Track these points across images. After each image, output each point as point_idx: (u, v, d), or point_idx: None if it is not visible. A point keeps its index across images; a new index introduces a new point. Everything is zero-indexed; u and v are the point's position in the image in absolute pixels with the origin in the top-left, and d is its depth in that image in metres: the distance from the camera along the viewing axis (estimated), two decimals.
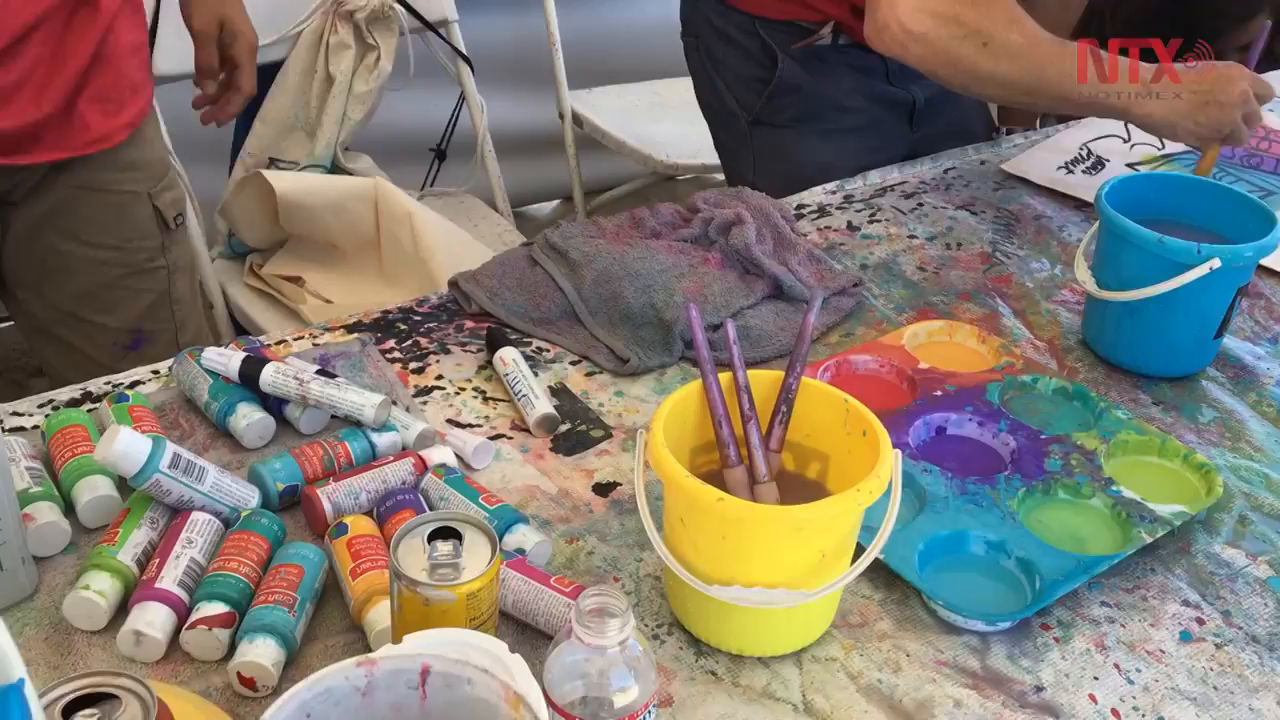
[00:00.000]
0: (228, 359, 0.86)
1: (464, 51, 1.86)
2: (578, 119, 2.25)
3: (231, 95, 1.33)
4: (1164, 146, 1.38)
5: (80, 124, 1.11)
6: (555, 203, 2.75)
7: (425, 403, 0.93)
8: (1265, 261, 1.11)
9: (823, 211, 1.25)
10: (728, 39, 1.44)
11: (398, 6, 1.71)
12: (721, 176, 1.74)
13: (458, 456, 0.84)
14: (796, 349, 0.75)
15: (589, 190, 2.40)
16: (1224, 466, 0.89)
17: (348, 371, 0.93)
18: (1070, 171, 1.32)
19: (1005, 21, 1.14)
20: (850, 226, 1.22)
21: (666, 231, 1.11)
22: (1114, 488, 0.84)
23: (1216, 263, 0.91)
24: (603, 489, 0.85)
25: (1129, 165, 1.34)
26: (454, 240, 1.66)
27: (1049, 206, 1.27)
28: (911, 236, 1.21)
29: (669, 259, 1.05)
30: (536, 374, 0.95)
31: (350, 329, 1.01)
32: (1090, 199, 1.05)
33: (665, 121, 2.23)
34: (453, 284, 1.06)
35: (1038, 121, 1.63)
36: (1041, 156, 1.35)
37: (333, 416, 0.86)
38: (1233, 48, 1.83)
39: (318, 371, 0.88)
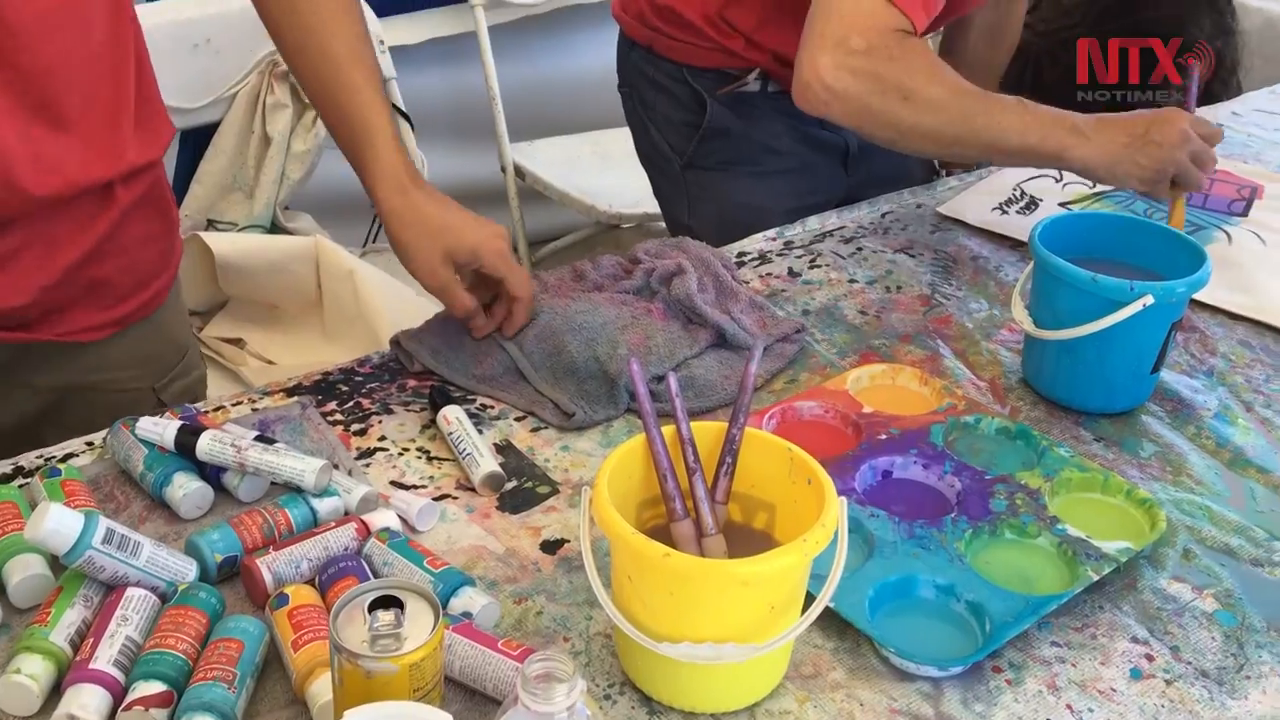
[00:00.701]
0: (163, 428, 0.85)
1: (403, 108, 1.86)
2: (520, 171, 2.25)
3: (514, 308, 1.04)
4: (1094, 185, 1.41)
5: (64, 317, 0.97)
6: None
7: (368, 465, 0.91)
8: (1198, 295, 1.13)
9: (764, 258, 1.26)
10: (659, 87, 1.46)
11: None
12: (664, 225, 1.75)
13: (402, 519, 0.83)
14: (739, 400, 0.75)
15: (533, 241, 2.40)
16: (1166, 501, 0.90)
17: (288, 436, 0.92)
18: (1005, 212, 1.34)
19: (925, 75, 1.14)
20: (791, 273, 1.23)
21: (608, 283, 1.11)
22: (1059, 526, 0.84)
23: (1149, 299, 0.92)
24: (551, 546, 0.84)
25: (1062, 204, 1.37)
26: (397, 297, 1.65)
27: (985, 247, 1.29)
28: (852, 281, 1.22)
29: (612, 311, 1.04)
30: (481, 431, 0.94)
31: (290, 392, 0.99)
32: (1025, 239, 1.06)
33: (607, 172, 2.24)
34: (394, 343, 1.05)
35: (975, 164, 1.66)
36: (976, 198, 1.37)
37: (273, 483, 0.84)
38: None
39: (256, 437, 0.86)
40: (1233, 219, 1.34)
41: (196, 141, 1.76)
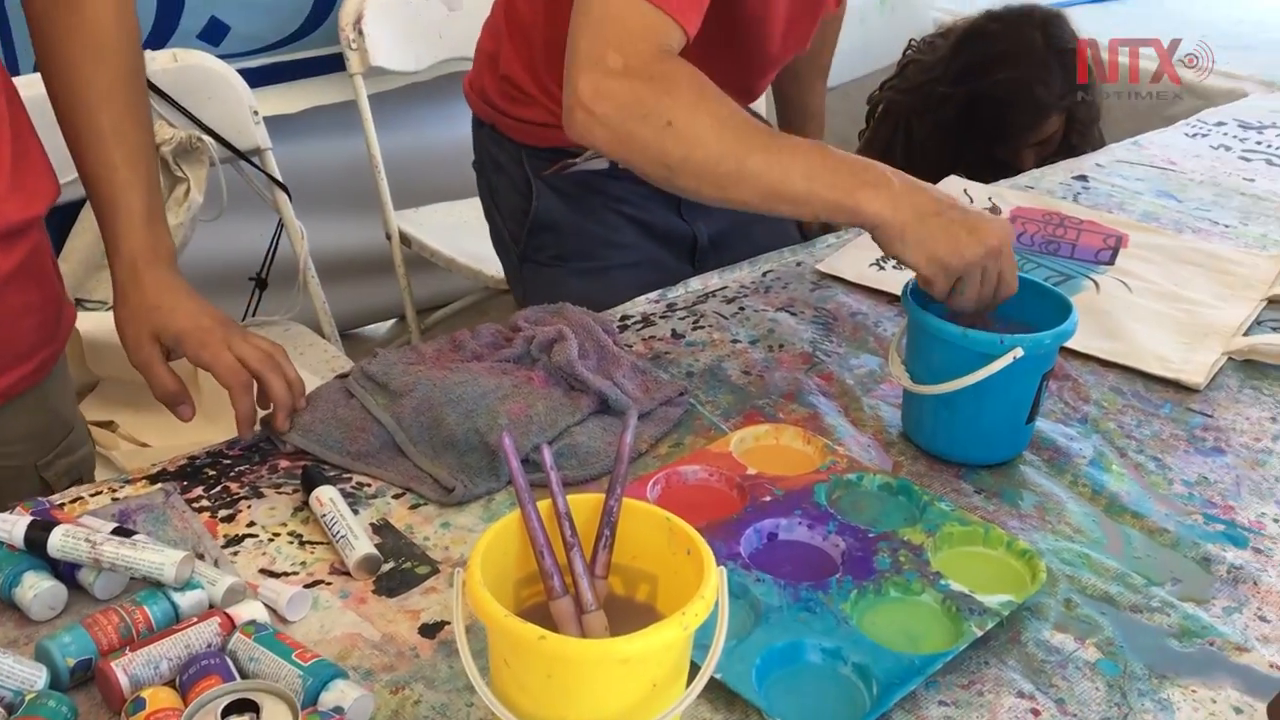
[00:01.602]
0: (12, 524, 0.80)
1: (279, 179, 1.83)
2: (405, 238, 2.23)
3: (276, 411, 1.00)
4: None
5: None
6: (390, 323, 2.71)
7: (236, 553, 0.87)
8: (1070, 344, 1.16)
9: (647, 321, 1.25)
10: (500, 168, 1.40)
11: (207, 138, 1.68)
12: None
13: (271, 610, 0.79)
14: (615, 470, 0.74)
15: (422, 309, 2.37)
16: (1047, 550, 0.91)
17: (150, 526, 0.88)
18: (881, 268, 1.36)
19: (690, 100, 1.00)
20: (675, 334, 1.23)
21: (488, 353, 1.09)
22: (943, 582, 0.84)
23: (1019, 352, 0.94)
24: (430, 630, 0.81)
25: None
26: None
27: (864, 303, 1.30)
28: (735, 341, 1.22)
29: (492, 381, 1.03)
30: (357, 511, 0.91)
31: (153, 479, 0.95)
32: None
33: None
34: (264, 423, 1.01)
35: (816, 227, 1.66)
36: (854, 254, 1.39)
37: (132, 578, 0.80)
38: (1028, 144, 1.95)
39: (115, 530, 0.82)
40: (1100, 268, 1.38)
41: (63, 218, 1.71)
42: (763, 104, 2.36)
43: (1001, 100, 1.85)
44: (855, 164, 1.01)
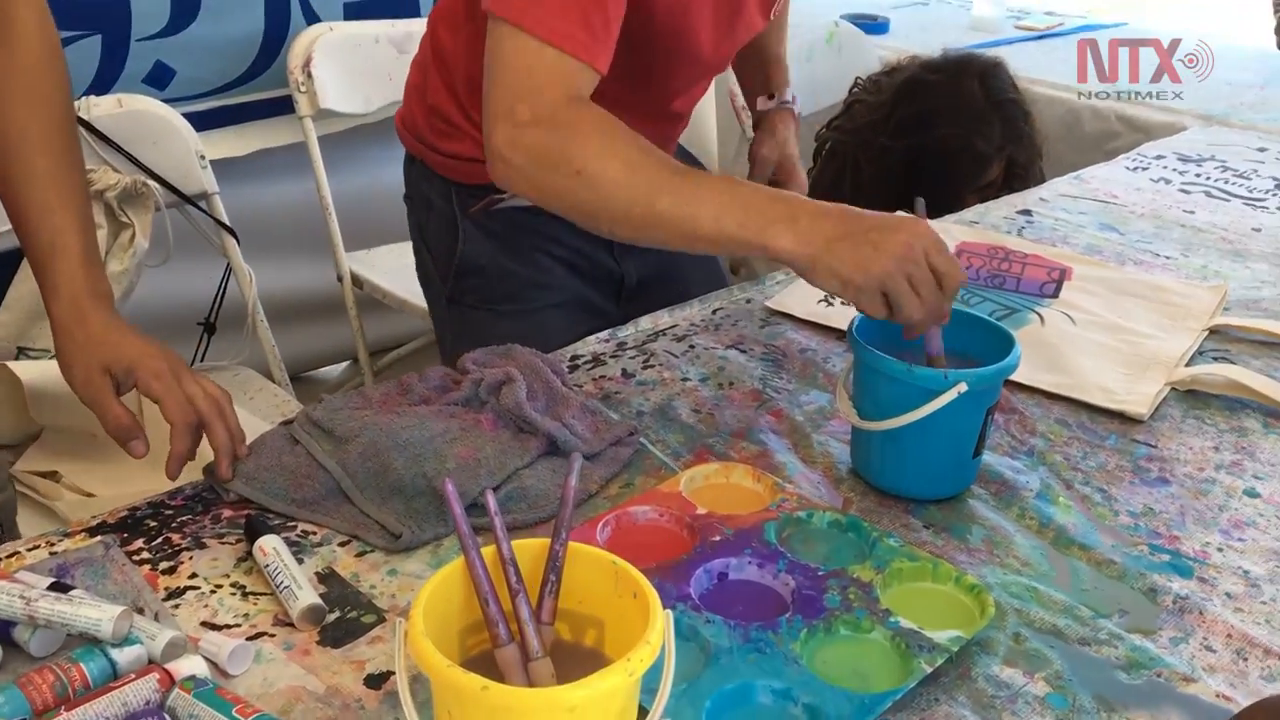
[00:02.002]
0: None
1: (227, 223, 1.81)
2: (358, 280, 2.22)
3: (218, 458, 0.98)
4: None
5: None
6: (343, 365, 2.69)
7: (177, 606, 0.86)
8: (1016, 377, 1.17)
9: (597, 360, 1.25)
10: (429, 205, 1.40)
11: (152, 183, 1.66)
12: None
13: (212, 664, 0.78)
14: (560, 514, 0.73)
15: (375, 350, 2.36)
16: (995, 585, 0.91)
17: (89, 580, 0.86)
18: (830, 304, 1.36)
19: (598, 148, 1.01)
20: (625, 374, 1.23)
21: (436, 396, 1.09)
22: (892, 619, 0.84)
23: (963, 387, 0.95)
24: (375, 680, 0.80)
25: None
26: None
27: (813, 340, 1.31)
28: (685, 379, 1.22)
29: (439, 424, 1.02)
30: (302, 560, 0.90)
31: (92, 531, 0.93)
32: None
33: None
34: (207, 471, 1.00)
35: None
36: (802, 291, 1.40)
37: (69, 635, 0.78)
38: (972, 189, 1.97)
39: (51, 585, 0.80)
40: (1045, 301, 1.40)
41: (4, 265, 1.68)
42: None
43: (943, 154, 1.87)
44: (764, 200, 1.00)
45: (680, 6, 1.21)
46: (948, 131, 1.87)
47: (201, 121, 1.93)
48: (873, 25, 2.72)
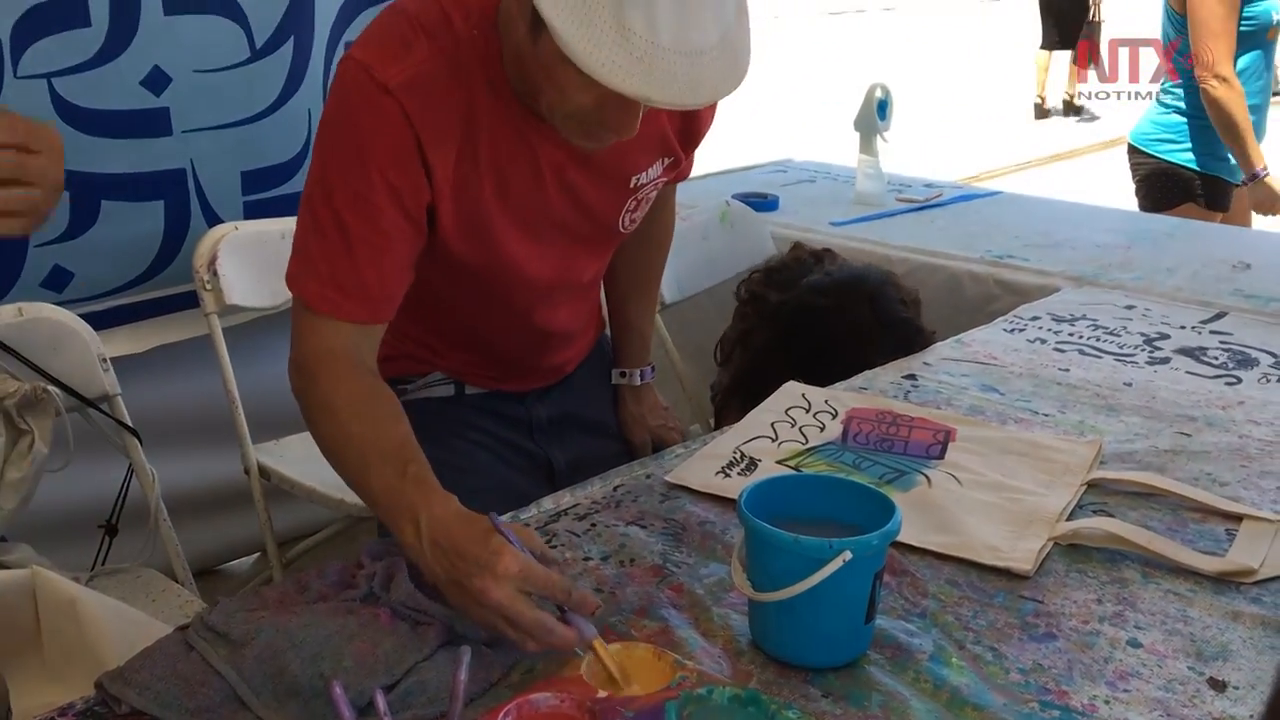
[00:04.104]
0: None
1: (129, 423, 1.81)
2: (265, 471, 2.20)
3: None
4: (807, 440, 1.50)
5: None
6: (252, 558, 2.64)
7: None
8: (906, 539, 1.21)
9: None
10: None
11: (53, 389, 1.66)
12: None
13: None
14: (450, 709, 0.74)
15: (284, 540, 2.32)
16: None
17: None
18: (728, 475, 1.40)
19: (321, 406, 1.19)
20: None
21: (333, 592, 1.09)
22: None
23: (848, 555, 0.98)
24: None
25: (779, 462, 1.44)
26: (127, 622, 1.54)
27: (711, 511, 1.34)
28: (587, 559, 1.24)
29: (336, 622, 1.02)
30: None
31: None
32: None
33: None
34: (98, 686, 0.98)
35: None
36: (700, 464, 1.43)
37: None
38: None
39: None
40: (931, 462, 1.45)
41: None
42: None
43: (836, 365, 1.89)
44: (408, 502, 1.08)
45: (490, 244, 1.33)
46: (840, 357, 1.88)
47: (101, 320, 1.94)
48: (763, 203, 2.85)
